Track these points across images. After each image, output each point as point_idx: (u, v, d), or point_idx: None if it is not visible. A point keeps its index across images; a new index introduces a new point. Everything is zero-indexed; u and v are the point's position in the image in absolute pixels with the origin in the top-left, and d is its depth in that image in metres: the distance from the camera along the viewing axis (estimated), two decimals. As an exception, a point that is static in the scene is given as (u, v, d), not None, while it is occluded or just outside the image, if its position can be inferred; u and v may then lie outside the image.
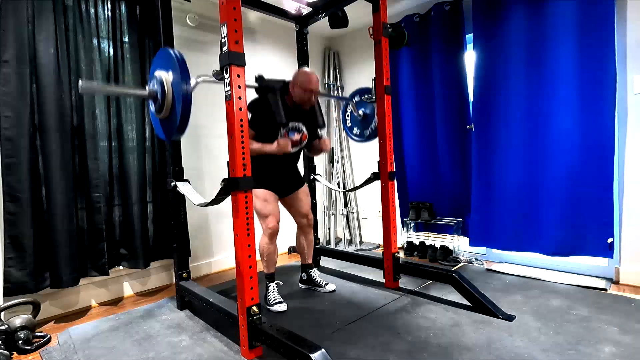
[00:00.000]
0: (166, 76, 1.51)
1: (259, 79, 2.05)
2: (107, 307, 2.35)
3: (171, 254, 2.57)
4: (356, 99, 2.66)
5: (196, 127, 2.81)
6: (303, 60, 2.88)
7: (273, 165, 2.12)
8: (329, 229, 3.74)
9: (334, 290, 2.34)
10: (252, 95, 1.92)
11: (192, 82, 1.55)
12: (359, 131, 2.70)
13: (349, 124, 2.78)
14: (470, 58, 2.79)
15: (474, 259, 2.88)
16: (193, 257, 2.75)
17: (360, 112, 2.62)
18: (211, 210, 2.83)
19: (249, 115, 1.89)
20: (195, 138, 2.80)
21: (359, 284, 2.47)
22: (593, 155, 2.23)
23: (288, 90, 2.09)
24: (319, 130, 2.29)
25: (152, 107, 1.62)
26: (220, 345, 1.75)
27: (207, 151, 2.89)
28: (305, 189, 2.33)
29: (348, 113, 2.78)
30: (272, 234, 2.07)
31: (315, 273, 2.41)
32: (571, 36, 2.27)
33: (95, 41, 2.29)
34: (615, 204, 2.24)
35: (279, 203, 2.22)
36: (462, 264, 2.84)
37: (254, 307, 1.59)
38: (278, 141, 1.97)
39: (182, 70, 1.44)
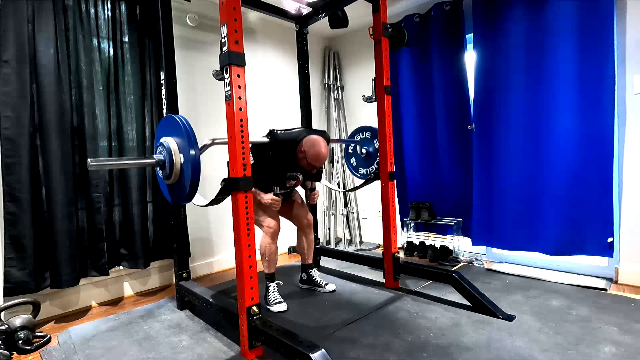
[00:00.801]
0: (173, 144, 1.51)
1: (271, 134, 2.06)
2: (107, 307, 2.35)
3: (171, 254, 2.57)
4: (359, 136, 2.73)
5: (197, 127, 2.81)
6: (303, 60, 2.88)
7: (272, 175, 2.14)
8: (329, 229, 3.74)
9: (334, 290, 2.34)
10: (252, 96, 1.92)
11: (202, 144, 1.57)
12: (356, 164, 2.79)
13: (352, 162, 2.85)
14: (470, 58, 2.79)
15: (474, 259, 2.88)
16: (193, 257, 2.75)
17: (364, 150, 2.68)
18: (211, 210, 2.83)
19: (251, 160, 1.81)
20: (197, 137, 2.79)
21: (359, 284, 2.47)
22: (593, 155, 2.23)
23: (296, 148, 2.05)
24: (313, 182, 2.40)
25: (160, 174, 1.62)
26: (220, 345, 1.75)
27: (208, 151, 2.88)
28: (296, 194, 2.38)
29: (351, 150, 2.84)
30: (274, 234, 2.08)
31: (315, 273, 2.42)
32: (571, 36, 2.27)
33: (95, 41, 2.30)
34: (614, 203, 2.24)
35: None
36: (462, 264, 2.84)
37: (254, 307, 1.60)
38: (271, 198, 2.04)
39: (189, 138, 1.45)
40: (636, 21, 2.15)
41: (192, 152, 1.44)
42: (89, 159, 1.44)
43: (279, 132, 2.07)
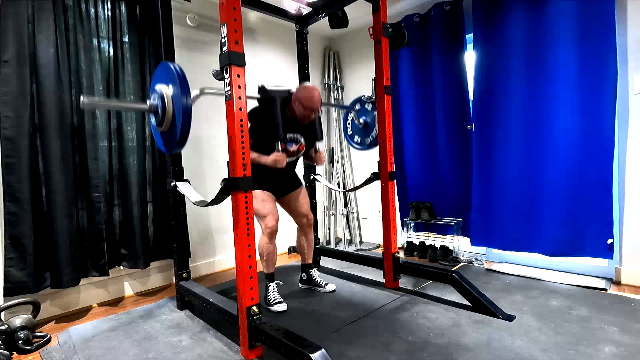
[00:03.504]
0: (166, 90, 1.52)
1: (262, 89, 2.05)
2: (107, 307, 2.35)
3: (171, 254, 2.57)
4: (357, 106, 2.67)
5: (197, 127, 2.81)
6: (303, 60, 2.88)
7: (273, 173, 2.10)
8: (329, 229, 3.74)
9: (334, 290, 2.34)
10: (251, 87, 1.92)
11: (194, 93, 1.56)
12: (359, 139, 2.72)
13: (349, 132, 2.79)
14: (470, 58, 2.79)
15: (474, 259, 2.88)
16: (193, 257, 2.75)
17: (361, 120, 2.64)
18: (211, 210, 2.83)
19: (249, 125, 1.89)
20: (197, 138, 2.80)
21: (359, 284, 2.47)
22: (593, 156, 2.23)
23: (289, 102, 2.07)
24: (316, 143, 2.31)
25: (153, 121, 1.63)
26: (220, 345, 1.75)
27: (208, 151, 2.89)
28: (302, 190, 2.34)
29: (349, 121, 2.79)
30: (272, 234, 2.07)
31: (315, 273, 2.41)
32: (571, 36, 2.27)
33: (95, 41, 2.30)
34: (615, 204, 2.24)
35: (278, 204, 2.22)
36: (462, 264, 2.84)
37: (254, 307, 1.59)
38: (275, 155, 1.98)
39: (182, 85, 1.46)
40: (637, 21, 2.15)
41: (184, 99, 1.45)
42: (82, 97, 1.47)
43: (269, 87, 2.06)
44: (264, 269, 2.15)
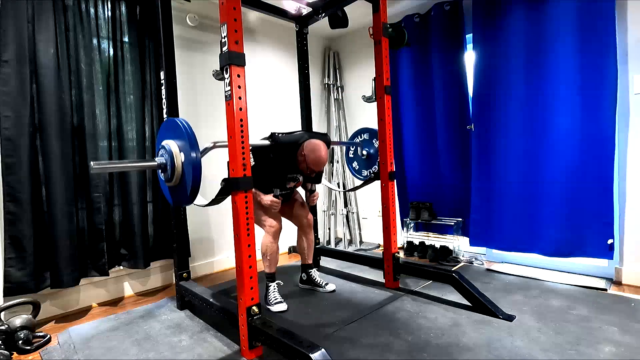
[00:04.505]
0: (174, 147, 1.53)
1: (272, 137, 2.05)
2: (107, 307, 2.35)
3: (171, 254, 2.57)
4: (365, 136, 2.71)
5: (197, 127, 2.81)
6: (303, 60, 2.88)
7: (270, 176, 2.13)
8: (329, 229, 3.74)
9: (334, 290, 2.35)
10: (252, 96, 1.92)
11: (203, 146, 1.58)
12: (359, 169, 2.76)
13: (351, 156, 2.83)
14: (470, 58, 2.79)
15: (474, 259, 2.88)
16: (193, 257, 2.75)
17: (365, 152, 2.67)
18: (211, 210, 2.83)
19: (252, 162, 1.85)
20: (197, 138, 2.79)
21: (359, 284, 2.47)
22: (593, 156, 2.23)
23: (297, 149, 2.05)
24: (313, 184, 2.40)
25: (162, 176, 1.63)
26: (220, 345, 1.75)
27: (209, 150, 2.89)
28: (299, 195, 2.39)
29: (351, 151, 2.83)
30: (275, 233, 2.08)
31: (315, 273, 2.42)
32: (571, 36, 2.27)
33: (95, 41, 2.30)
34: (615, 204, 2.24)
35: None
36: (462, 264, 2.84)
37: (254, 307, 1.60)
38: (271, 201, 2.04)
39: (190, 141, 1.46)
40: (637, 20, 2.15)
41: (193, 154, 1.46)
42: (91, 163, 1.46)
43: (280, 135, 2.07)
44: (266, 268, 2.15)
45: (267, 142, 2.04)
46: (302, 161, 2.04)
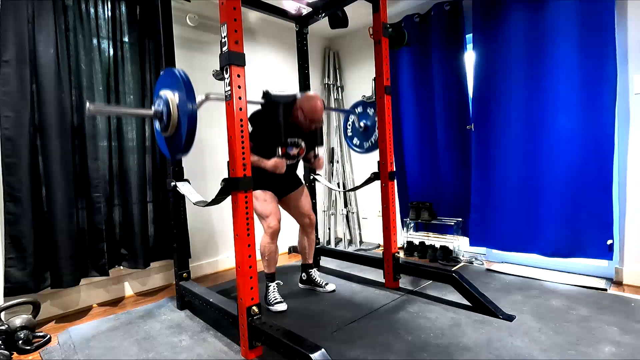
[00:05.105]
0: (172, 96, 1.52)
1: (266, 94, 2.05)
2: (107, 307, 2.35)
3: (171, 254, 2.57)
4: (359, 109, 2.67)
5: (198, 126, 2.81)
6: (303, 60, 2.88)
7: (274, 176, 2.10)
8: (329, 229, 3.74)
9: (334, 290, 2.34)
10: (252, 96, 1.92)
11: (199, 98, 1.57)
12: (359, 142, 2.73)
13: (349, 134, 2.80)
14: (470, 58, 2.79)
15: (474, 259, 2.88)
16: (193, 257, 2.75)
17: (362, 123, 2.64)
18: (211, 210, 2.83)
19: (250, 129, 1.91)
20: (198, 138, 2.79)
21: (359, 284, 2.47)
22: (593, 156, 2.23)
23: (293, 107, 2.07)
24: (316, 148, 2.31)
25: (158, 126, 1.63)
26: (220, 345, 1.75)
27: (210, 151, 2.89)
28: (303, 189, 2.34)
29: (349, 123, 2.80)
30: (274, 234, 2.07)
31: (315, 273, 2.42)
32: (571, 36, 2.27)
33: (95, 41, 2.30)
34: (615, 204, 2.24)
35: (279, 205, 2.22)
36: (462, 264, 2.84)
37: (254, 307, 1.60)
38: (275, 161, 1.99)
39: (187, 90, 1.46)
40: (637, 21, 2.15)
41: (189, 104, 1.46)
42: (88, 104, 1.47)
43: (273, 93, 2.06)
44: (265, 268, 2.15)
45: (261, 100, 2.03)
46: (298, 115, 2.03)
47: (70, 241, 2.13)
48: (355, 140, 2.74)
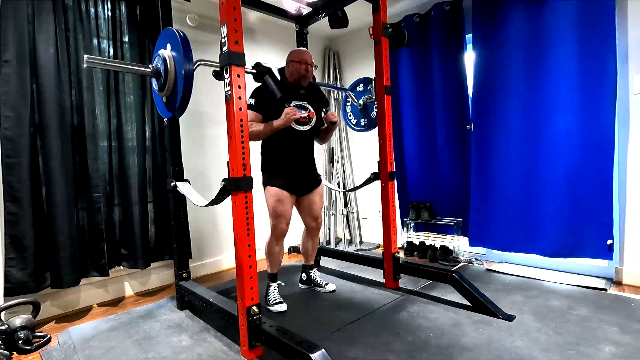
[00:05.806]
0: (169, 54, 1.55)
1: (257, 65, 2.05)
2: (107, 307, 2.35)
3: (171, 254, 2.57)
4: (359, 88, 2.68)
5: (197, 127, 2.81)
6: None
7: (291, 157, 2.08)
8: (329, 229, 3.74)
9: (334, 290, 2.34)
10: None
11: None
12: (359, 120, 2.75)
13: (349, 115, 2.81)
14: (470, 58, 2.79)
15: (474, 259, 2.88)
16: (193, 257, 2.75)
17: (361, 101, 2.66)
18: (211, 210, 2.83)
19: (253, 101, 1.97)
20: (198, 137, 2.81)
21: (359, 284, 2.47)
22: (593, 156, 2.23)
23: (285, 73, 2.10)
24: (324, 110, 2.26)
25: (155, 85, 1.64)
26: (220, 345, 1.75)
27: (211, 151, 2.89)
28: (320, 189, 2.27)
29: (348, 104, 2.81)
30: (280, 236, 2.07)
31: (315, 273, 2.42)
32: (571, 36, 2.27)
33: (95, 41, 2.30)
34: (615, 204, 2.24)
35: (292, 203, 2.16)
36: (462, 264, 2.84)
37: (254, 307, 1.59)
38: (285, 111, 1.92)
39: (185, 49, 1.47)
40: (637, 21, 2.15)
41: (186, 63, 1.49)
42: (85, 55, 1.51)
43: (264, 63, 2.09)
44: (268, 268, 2.15)
45: (253, 70, 2.04)
46: (290, 67, 2.07)
47: (71, 241, 2.13)
48: (355, 120, 2.78)
